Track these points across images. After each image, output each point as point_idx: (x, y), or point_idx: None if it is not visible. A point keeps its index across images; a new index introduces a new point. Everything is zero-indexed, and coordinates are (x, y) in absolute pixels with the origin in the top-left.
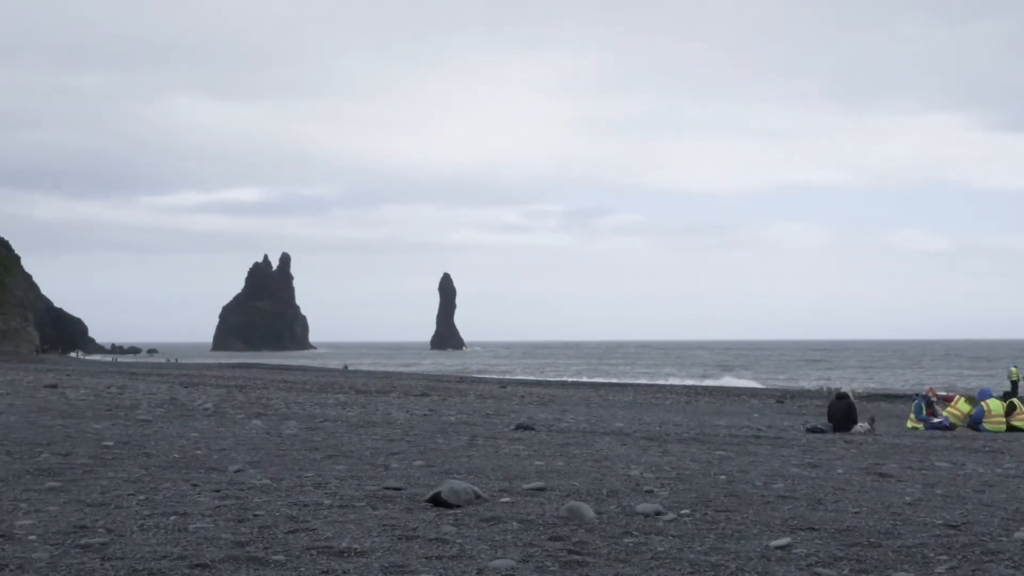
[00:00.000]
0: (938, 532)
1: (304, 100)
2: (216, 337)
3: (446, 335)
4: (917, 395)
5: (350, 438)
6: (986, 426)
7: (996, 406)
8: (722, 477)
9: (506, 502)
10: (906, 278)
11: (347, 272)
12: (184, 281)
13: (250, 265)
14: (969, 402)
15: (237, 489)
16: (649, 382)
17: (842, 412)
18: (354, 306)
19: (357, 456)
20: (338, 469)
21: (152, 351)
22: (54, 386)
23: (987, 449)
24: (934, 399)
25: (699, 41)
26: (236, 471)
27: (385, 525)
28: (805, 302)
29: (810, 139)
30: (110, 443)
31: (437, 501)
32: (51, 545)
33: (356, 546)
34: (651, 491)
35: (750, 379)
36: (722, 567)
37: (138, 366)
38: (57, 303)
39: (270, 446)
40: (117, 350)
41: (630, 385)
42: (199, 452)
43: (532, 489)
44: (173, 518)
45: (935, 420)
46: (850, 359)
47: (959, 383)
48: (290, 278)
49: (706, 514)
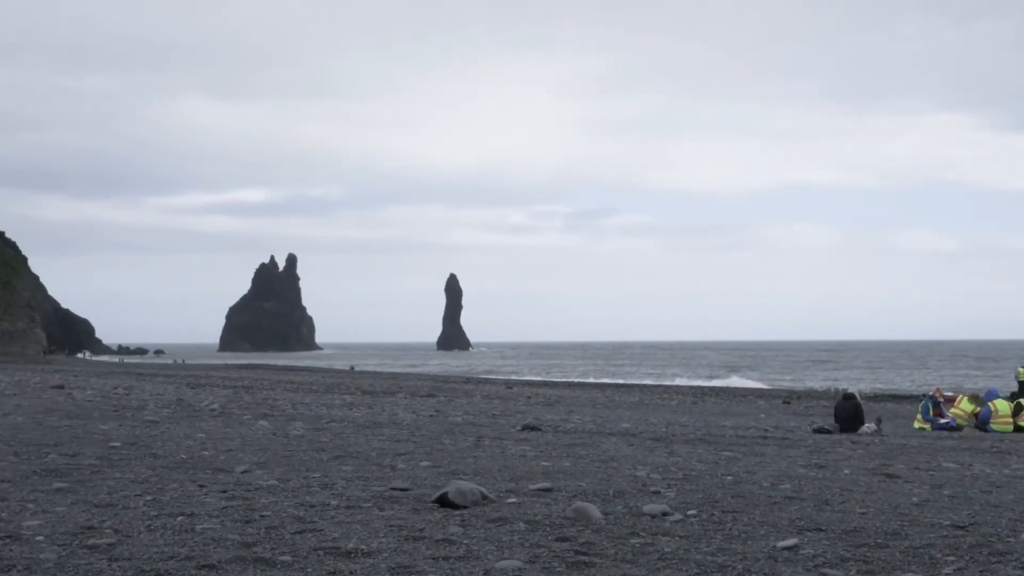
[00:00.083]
0: (945, 533)
1: (307, 100)
2: (222, 338)
3: (452, 336)
4: (924, 396)
5: (356, 439)
6: (993, 427)
7: (1003, 407)
8: (729, 478)
9: (513, 503)
10: (912, 278)
11: (353, 273)
12: (190, 282)
13: (256, 266)
14: (972, 401)
15: (244, 490)
16: (655, 383)
17: (849, 413)
18: (360, 307)
19: (364, 457)
20: (345, 470)
21: (159, 352)
22: (61, 387)
23: (994, 450)
24: (941, 400)
25: (699, 41)
26: (243, 472)
27: (392, 526)
28: (811, 302)
29: (810, 139)
30: (117, 444)
31: (444, 502)
32: (58, 546)
33: (363, 547)
34: (658, 492)
35: (756, 380)
36: (729, 568)
37: (145, 367)
38: (64, 304)
39: (277, 447)
40: (124, 351)
41: (636, 386)
42: (206, 453)
43: (539, 490)
44: (180, 519)
45: (942, 421)
46: (856, 359)
47: (966, 383)
48: (296, 279)
49: (713, 515)
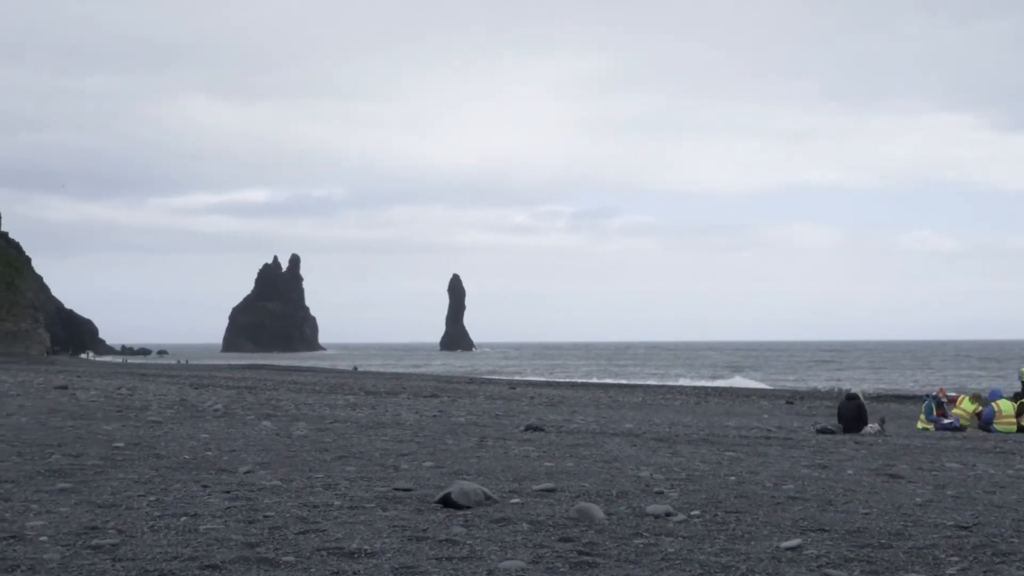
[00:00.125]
0: (949, 533)
1: (308, 100)
2: (226, 338)
3: (455, 336)
4: (927, 396)
5: (360, 439)
6: (997, 427)
7: (1007, 407)
8: (732, 478)
9: (516, 503)
10: (913, 278)
11: (356, 273)
12: (194, 282)
13: (259, 266)
14: (974, 400)
15: (247, 490)
16: (659, 383)
17: (852, 413)
18: (363, 307)
19: (367, 457)
20: (348, 470)
21: (162, 352)
22: (65, 387)
23: (998, 450)
24: (944, 400)
25: (699, 41)
26: (246, 472)
27: (395, 526)
28: (812, 302)
29: (810, 139)
30: (121, 444)
31: (447, 502)
32: (62, 546)
33: (366, 547)
34: (661, 492)
35: (759, 380)
36: (732, 568)
37: (148, 367)
38: (68, 305)
39: (280, 447)
40: (127, 351)
41: (640, 386)
42: (209, 453)
43: (542, 490)
44: (184, 519)
45: (945, 421)
46: (860, 360)
47: (969, 384)
48: (300, 279)
49: (716, 515)
